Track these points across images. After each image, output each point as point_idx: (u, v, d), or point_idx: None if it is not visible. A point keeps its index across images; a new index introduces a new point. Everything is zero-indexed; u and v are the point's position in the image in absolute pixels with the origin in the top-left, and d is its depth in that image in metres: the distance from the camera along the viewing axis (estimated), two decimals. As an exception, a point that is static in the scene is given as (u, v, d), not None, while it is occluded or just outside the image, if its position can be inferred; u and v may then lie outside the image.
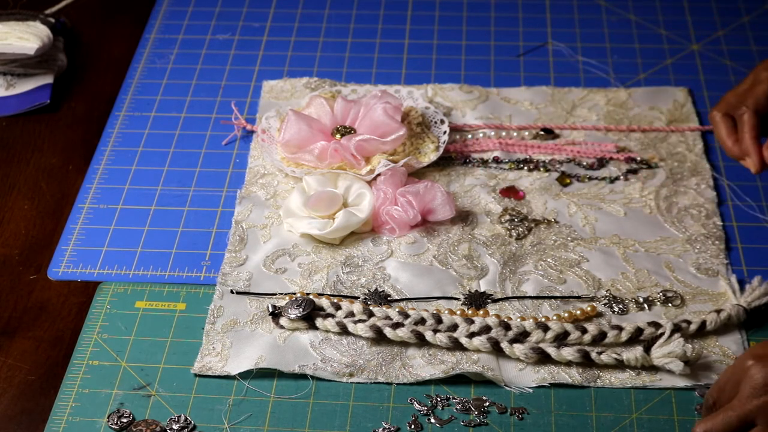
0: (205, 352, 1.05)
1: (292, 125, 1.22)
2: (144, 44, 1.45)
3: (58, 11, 1.49)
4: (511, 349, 1.03)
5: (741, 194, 1.21)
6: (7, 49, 1.35)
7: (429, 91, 1.34)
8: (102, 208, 1.21)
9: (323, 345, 1.05)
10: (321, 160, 1.21)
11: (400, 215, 1.16)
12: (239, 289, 1.10)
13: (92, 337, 1.07)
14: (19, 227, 1.20)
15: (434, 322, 1.06)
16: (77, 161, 1.28)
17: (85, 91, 1.39)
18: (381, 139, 1.20)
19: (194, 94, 1.36)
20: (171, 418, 0.99)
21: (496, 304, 1.09)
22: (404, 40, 1.45)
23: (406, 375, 1.03)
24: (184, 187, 1.23)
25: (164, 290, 1.11)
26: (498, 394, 1.01)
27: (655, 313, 1.08)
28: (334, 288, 1.11)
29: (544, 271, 1.12)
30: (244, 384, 1.02)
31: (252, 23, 1.48)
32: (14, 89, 1.37)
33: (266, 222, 1.18)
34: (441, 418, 0.99)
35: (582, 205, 1.20)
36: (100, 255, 1.15)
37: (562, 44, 1.42)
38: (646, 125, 1.29)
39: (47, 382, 1.03)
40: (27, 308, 1.10)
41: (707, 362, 1.03)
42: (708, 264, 1.13)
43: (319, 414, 1.00)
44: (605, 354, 1.02)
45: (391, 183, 1.17)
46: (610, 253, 1.14)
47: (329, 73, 1.39)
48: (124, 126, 1.32)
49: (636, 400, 1.01)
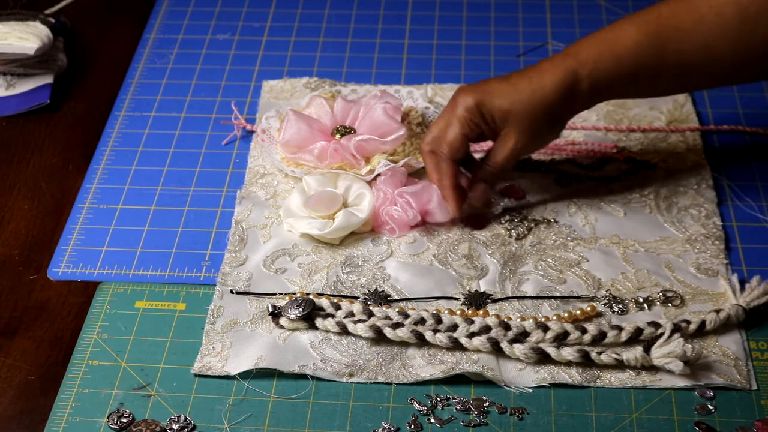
0: (205, 352, 1.05)
1: (292, 125, 1.22)
2: (144, 44, 1.45)
3: (58, 11, 1.49)
4: (511, 349, 1.03)
5: (741, 194, 1.21)
6: (7, 49, 1.35)
7: (429, 91, 1.34)
8: (102, 208, 1.21)
9: (323, 345, 1.05)
10: (321, 160, 1.21)
11: (399, 215, 1.16)
12: (239, 289, 1.10)
13: (92, 337, 1.07)
14: (19, 227, 1.20)
15: (434, 322, 1.06)
16: (77, 161, 1.28)
17: (85, 91, 1.39)
18: (381, 139, 1.20)
19: (194, 94, 1.37)
20: (171, 418, 0.99)
21: (496, 304, 1.09)
22: (404, 40, 1.45)
23: (406, 375, 1.03)
24: (184, 187, 1.23)
25: (164, 290, 1.11)
26: (498, 394, 1.01)
27: (655, 313, 1.08)
28: (334, 288, 1.11)
29: (544, 271, 1.12)
30: (244, 384, 1.02)
31: (252, 23, 1.48)
32: (14, 89, 1.37)
33: (266, 222, 1.18)
34: (441, 418, 0.99)
35: (582, 205, 1.20)
36: (100, 255, 1.15)
37: (562, 44, 1.42)
38: (646, 125, 1.29)
39: (47, 382, 1.03)
40: (27, 308, 1.10)
41: (707, 362, 1.03)
42: (708, 264, 1.13)
43: (319, 414, 1.00)
44: (605, 354, 1.02)
45: (391, 183, 1.17)
46: (610, 253, 1.14)
47: (329, 73, 1.39)
48: (124, 126, 1.32)
49: (636, 400, 1.01)
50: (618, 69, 1.09)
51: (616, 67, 1.09)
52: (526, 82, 1.10)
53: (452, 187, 1.15)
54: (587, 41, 1.11)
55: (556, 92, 1.09)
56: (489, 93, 1.11)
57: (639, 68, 1.09)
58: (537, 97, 1.10)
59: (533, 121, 1.11)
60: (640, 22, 1.09)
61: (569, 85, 1.09)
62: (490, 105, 1.11)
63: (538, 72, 1.11)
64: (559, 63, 1.10)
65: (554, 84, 1.09)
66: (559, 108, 1.11)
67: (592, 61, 1.09)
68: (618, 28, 1.10)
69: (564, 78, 1.09)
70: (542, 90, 1.10)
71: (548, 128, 1.14)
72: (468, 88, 1.13)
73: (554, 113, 1.11)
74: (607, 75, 1.09)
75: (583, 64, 1.09)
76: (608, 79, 1.10)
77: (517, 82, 1.11)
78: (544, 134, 1.14)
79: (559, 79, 1.09)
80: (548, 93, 1.09)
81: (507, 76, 1.13)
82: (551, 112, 1.11)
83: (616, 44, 1.09)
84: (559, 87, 1.09)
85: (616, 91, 1.12)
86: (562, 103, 1.11)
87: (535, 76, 1.11)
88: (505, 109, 1.11)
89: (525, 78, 1.11)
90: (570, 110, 1.13)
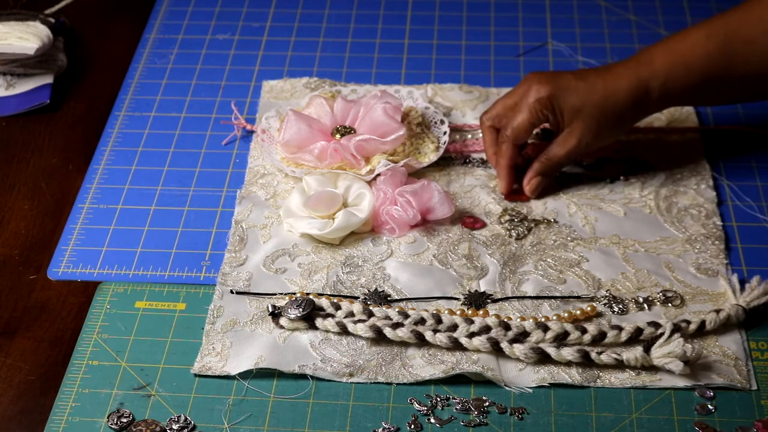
0: (205, 352, 1.05)
1: (292, 125, 1.22)
2: (144, 44, 1.45)
3: (58, 11, 1.49)
4: (511, 349, 1.03)
5: (741, 194, 1.21)
6: (7, 49, 1.35)
7: (429, 91, 1.34)
8: (102, 208, 1.21)
9: (323, 345, 1.05)
10: (321, 160, 1.21)
11: (399, 215, 1.16)
12: (239, 289, 1.10)
13: (92, 337, 1.07)
14: (19, 227, 1.20)
15: (434, 322, 1.06)
16: (77, 161, 1.28)
17: (85, 91, 1.39)
18: (381, 139, 1.20)
19: (194, 94, 1.37)
20: (171, 418, 0.99)
21: (496, 304, 1.09)
22: (404, 40, 1.45)
23: (406, 375, 1.03)
24: (184, 187, 1.23)
25: (164, 290, 1.11)
26: (498, 394, 1.01)
27: (655, 313, 1.08)
28: (334, 288, 1.11)
29: (544, 271, 1.12)
30: (244, 384, 1.02)
31: (252, 23, 1.48)
32: (14, 89, 1.37)
33: (266, 222, 1.18)
34: (441, 418, 0.99)
35: (582, 205, 1.20)
36: (100, 255, 1.15)
37: (562, 44, 1.42)
38: (646, 125, 1.29)
39: (47, 382, 1.03)
40: (27, 308, 1.10)
41: (707, 362, 1.03)
42: (708, 264, 1.13)
43: (319, 414, 1.00)
44: (605, 354, 1.02)
45: (391, 183, 1.17)
46: (610, 253, 1.14)
47: (329, 73, 1.39)
48: (124, 126, 1.32)
49: (636, 400, 1.01)
50: (688, 78, 1.13)
51: (687, 76, 1.13)
52: (601, 83, 1.14)
53: (508, 167, 1.19)
54: (660, 49, 1.14)
55: (629, 99, 1.14)
56: (563, 89, 1.15)
57: (708, 78, 1.13)
58: (610, 100, 1.14)
59: (601, 123, 1.15)
60: (710, 32, 1.13)
61: (642, 94, 1.14)
62: (564, 101, 1.15)
63: (613, 75, 1.15)
64: (634, 70, 1.14)
65: (628, 91, 1.14)
66: (629, 112, 1.15)
67: (664, 71, 1.13)
68: (689, 37, 1.14)
69: (638, 86, 1.13)
70: (615, 95, 1.14)
71: (614, 130, 1.18)
72: (543, 77, 1.17)
73: (623, 117, 1.16)
74: (678, 84, 1.14)
75: (656, 75, 1.13)
76: (678, 88, 1.14)
77: (593, 81, 1.15)
78: (609, 135, 1.18)
79: (632, 86, 1.14)
80: (621, 99, 1.14)
81: (582, 72, 1.17)
82: (620, 116, 1.15)
83: (687, 54, 1.13)
84: (632, 94, 1.14)
85: (684, 99, 1.17)
86: (632, 109, 1.15)
87: (609, 78, 1.14)
88: (577, 108, 1.15)
89: (600, 79, 1.15)
90: (638, 115, 1.17)
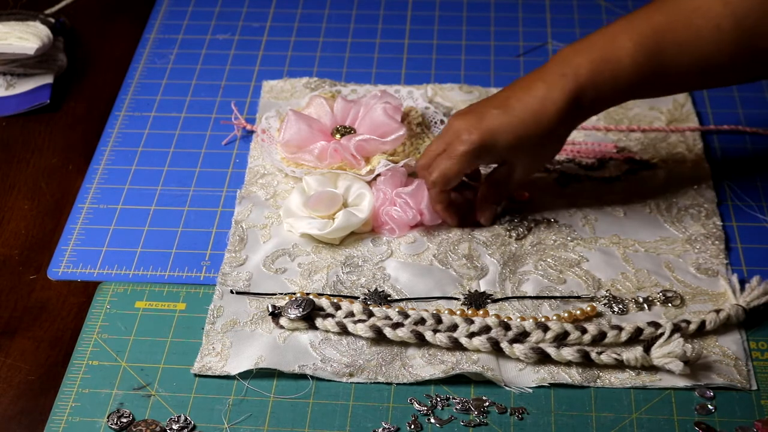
0: (205, 352, 1.05)
1: (292, 125, 1.22)
2: (144, 44, 1.45)
3: (58, 11, 1.49)
4: (511, 349, 1.03)
5: (741, 194, 1.21)
6: (7, 49, 1.35)
7: (429, 91, 1.34)
8: (102, 208, 1.21)
9: (323, 345, 1.05)
10: (321, 160, 1.21)
11: (399, 215, 1.16)
12: (239, 289, 1.10)
13: (92, 337, 1.07)
14: (19, 227, 1.20)
15: (434, 322, 1.06)
16: (77, 161, 1.28)
17: (85, 91, 1.39)
18: (381, 139, 1.20)
19: (194, 94, 1.37)
20: (171, 418, 0.99)
21: (496, 304, 1.09)
22: (404, 40, 1.45)
23: (406, 375, 1.03)
24: (184, 187, 1.23)
25: (164, 290, 1.11)
26: (498, 394, 1.01)
27: (654, 313, 1.08)
28: (334, 288, 1.11)
29: (544, 271, 1.12)
30: (244, 384, 1.02)
31: (252, 23, 1.48)
32: (14, 89, 1.37)
33: (266, 222, 1.18)
34: (441, 418, 0.99)
35: (582, 205, 1.20)
36: (100, 255, 1.15)
37: (562, 44, 1.42)
38: (646, 125, 1.29)
39: (47, 382, 1.03)
40: (27, 308, 1.10)
41: (707, 362, 1.03)
42: (708, 264, 1.13)
43: (319, 414, 1.00)
44: (605, 354, 1.02)
45: (390, 183, 1.17)
46: (609, 253, 1.14)
47: (329, 73, 1.39)
48: (124, 126, 1.32)
49: (636, 400, 1.01)
50: (616, 85, 1.09)
51: (615, 83, 1.09)
52: (528, 112, 1.10)
53: (446, 210, 1.16)
54: (582, 55, 1.09)
55: (559, 117, 1.09)
56: (492, 132, 1.10)
57: (638, 82, 1.09)
58: (542, 127, 1.10)
59: (538, 150, 1.13)
60: (634, 34, 1.08)
61: (571, 109, 1.10)
62: (494, 144, 1.11)
63: (538, 99, 1.09)
64: (558, 86, 1.09)
65: (557, 113, 1.09)
66: (561, 128, 1.12)
67: (591, 82, 1.09)
68: (613, 40, 1.09)
69: (566, 102, 1.09)
70: (547, 121, 1.09)
71: (551, 148, 1.15)
72: (468, 121, 1.11)
73: (556, 134, 1.12)
74: (607, 92, 1.10)
75: (583, 87, 1.09)
76: (608, 96, 1.11)
77: (518, 112, 1.10)
78: (548, 154, 1.16)
79: (562, 107, 1.09)
80: (552, 119, 1.09)
81: (502, 100, 1.12)
82: (554, 135, 1.12)
83: (613, 63, 1.08)
84: (561, 113, 1.09)
85: (615, 103, 1.14)
86: (563, 124, 1.11)
87: (534, 103, 1.09)
88: (511, 145, 1.11)
89: (523, 105, 1.10)
90: (570, 127, 1.13)
